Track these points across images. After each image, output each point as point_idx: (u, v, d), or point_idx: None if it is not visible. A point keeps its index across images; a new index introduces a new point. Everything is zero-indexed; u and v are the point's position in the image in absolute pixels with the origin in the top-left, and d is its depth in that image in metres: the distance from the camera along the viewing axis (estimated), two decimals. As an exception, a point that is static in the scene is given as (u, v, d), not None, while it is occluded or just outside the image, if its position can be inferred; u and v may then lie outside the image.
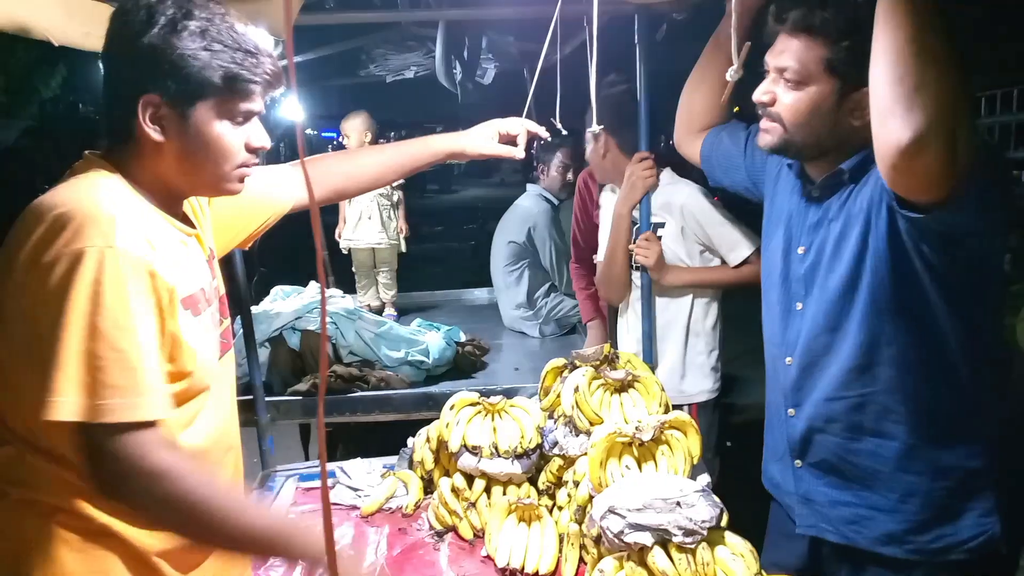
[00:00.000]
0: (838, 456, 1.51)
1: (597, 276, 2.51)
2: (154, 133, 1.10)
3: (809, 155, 1.49)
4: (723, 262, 2.29)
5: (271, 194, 1.50)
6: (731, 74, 1.22)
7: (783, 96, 1.43)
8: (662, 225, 2.31)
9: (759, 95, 1.46)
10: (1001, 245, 1.46)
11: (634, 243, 2.28)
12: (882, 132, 1.15)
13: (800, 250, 1.54)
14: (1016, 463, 1.44)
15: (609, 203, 2.44)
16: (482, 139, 1.70)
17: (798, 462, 1.58)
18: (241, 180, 1.20)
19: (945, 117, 1.09)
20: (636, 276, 2.35)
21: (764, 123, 1.48)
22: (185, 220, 1.25)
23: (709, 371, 2.35)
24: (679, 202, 2.28)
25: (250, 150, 1.18)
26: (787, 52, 1.40)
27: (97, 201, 1.04)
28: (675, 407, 2.27)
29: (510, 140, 1.72)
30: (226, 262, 1.49)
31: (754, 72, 1.49)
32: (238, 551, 1.21)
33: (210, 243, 1.34)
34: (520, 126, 1.70)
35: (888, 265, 1.36)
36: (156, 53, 1.05)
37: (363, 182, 1.65)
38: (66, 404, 0.97)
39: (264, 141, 1.19)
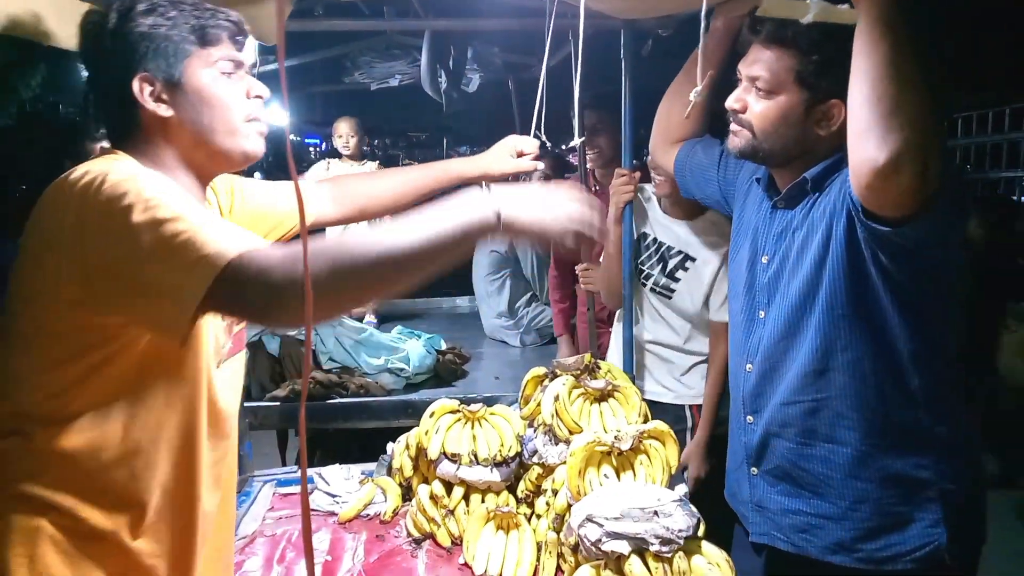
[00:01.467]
0: (791, 462, 1.52)
1: (600, 280, 2.46)
2: (160, 109, 1.14)
3: (776, 162, 1.53)
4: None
5: (290, 207, 1.50)
6: (694, 95, 1.25)
7: (753, 104, 1.47)
8: (693, 259, 2.21)
9: (731, 102, 1.51)
10: (956, 258, 1.49)
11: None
12: (858, 151, 1.18)
13: (764, 259, 1.57)
14: (968, 476, 1.46)
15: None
16: (503, 158, 1.73)
17: (754, 469, 1.60)
18: (257, 136, 1.23)
19: (921, 139, 1.12)
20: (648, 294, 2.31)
21: (734, 128, 1.53)
22: None
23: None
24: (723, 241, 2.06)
25: (251, 98, 1.22)
26: (759, 62, 1.45)
27: (119, 164, 1.07)
28: (674, 406, 2.30)
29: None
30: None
31: (732, 83, 1.53)
32: (428, 254, 1.01)
33: None
34: (532, 144, 1.73)
35: (845, 272, 1.39)
36: (132, 35, 1.12)
37: (385, 202, 1.65)
38: (203, 265, 0.93)
39: (261, 89, 1.23)
